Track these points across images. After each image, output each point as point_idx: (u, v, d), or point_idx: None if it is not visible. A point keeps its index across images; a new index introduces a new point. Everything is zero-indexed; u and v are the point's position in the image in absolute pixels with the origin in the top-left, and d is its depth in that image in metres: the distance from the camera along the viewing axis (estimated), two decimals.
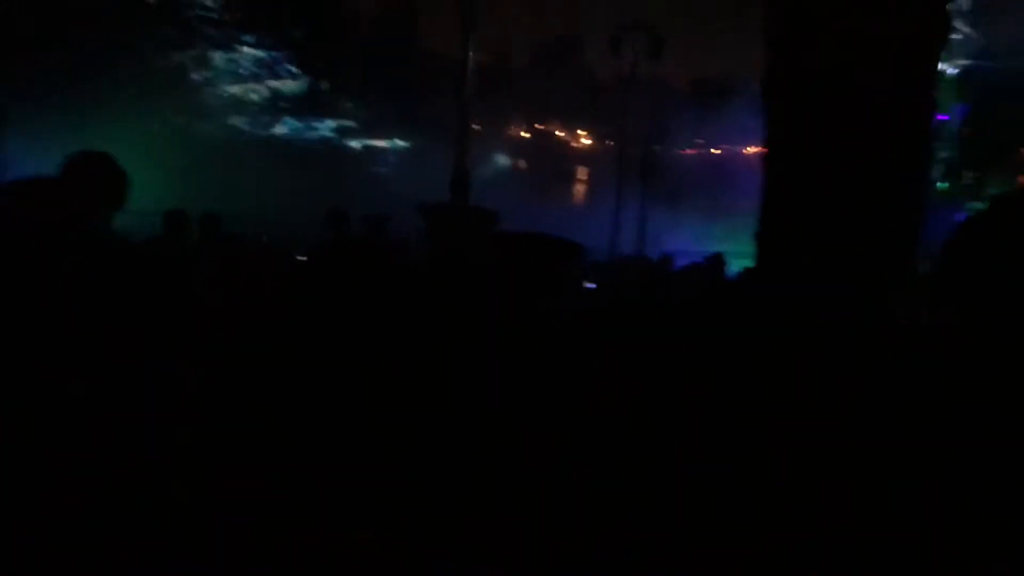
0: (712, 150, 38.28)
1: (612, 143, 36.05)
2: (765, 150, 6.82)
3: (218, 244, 4.76)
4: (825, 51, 5.92)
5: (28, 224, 2.37)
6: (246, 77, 30.36)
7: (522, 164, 38.02)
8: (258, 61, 30.43)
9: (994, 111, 19.57)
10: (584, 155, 42.82)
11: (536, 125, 42.41)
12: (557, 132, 44.21)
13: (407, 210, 8.89)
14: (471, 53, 11.80)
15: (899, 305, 5.37)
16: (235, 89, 30.16)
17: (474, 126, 15.56)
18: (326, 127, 31.78)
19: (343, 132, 32.31)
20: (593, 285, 8.65)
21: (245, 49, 30.09)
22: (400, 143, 32.77)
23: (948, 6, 6.01)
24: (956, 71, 20.90)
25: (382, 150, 32.65)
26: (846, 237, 6.06)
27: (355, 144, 32.46)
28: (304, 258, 5.79)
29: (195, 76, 29.32)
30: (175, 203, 5.44)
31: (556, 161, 39.41)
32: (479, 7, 12.86)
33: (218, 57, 29.76)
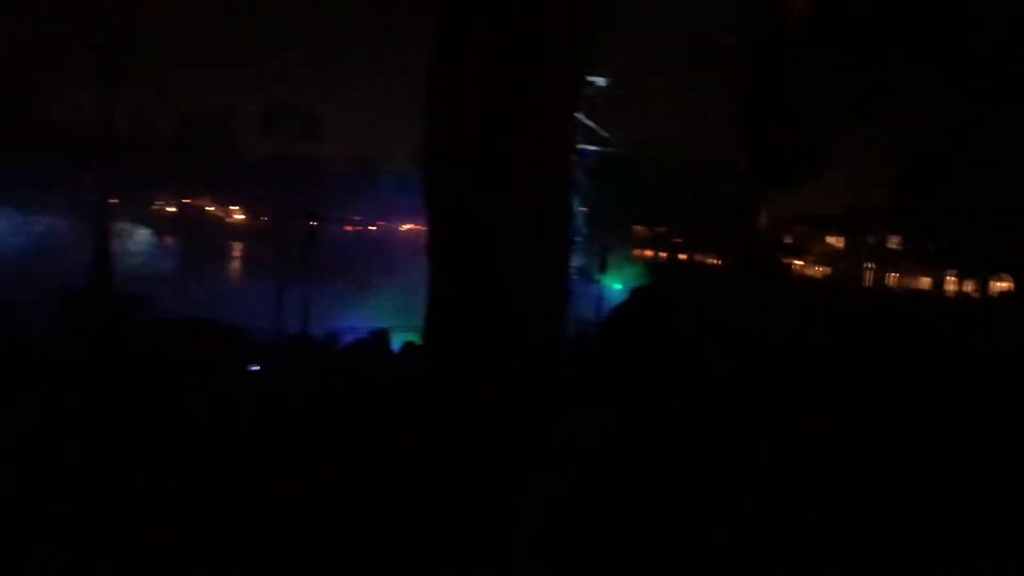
0: (370, 227, 39.03)
1: (266, 219, 35.00)
2: (426, 223, 7.13)
3: None
4: (479, 126, 6.43)
5: None
6: None
7: (169, 239, 35.45)
8: None
9: (608, 190, 22.50)
10: (238, 230, 41.13)
11: (184, 200, 40.01)
12: (207, 207, 42.02)
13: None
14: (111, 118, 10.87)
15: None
16: None
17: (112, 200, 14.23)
18: None
19: None
20: (257, 367, 8.27)
21: None
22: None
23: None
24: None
25: None
26: (509, 311, 6.49)
27: None
28: None
29: None
30: None
31: (207, 236, 37.35)
32: (118, 69, 11.96)
33: None
